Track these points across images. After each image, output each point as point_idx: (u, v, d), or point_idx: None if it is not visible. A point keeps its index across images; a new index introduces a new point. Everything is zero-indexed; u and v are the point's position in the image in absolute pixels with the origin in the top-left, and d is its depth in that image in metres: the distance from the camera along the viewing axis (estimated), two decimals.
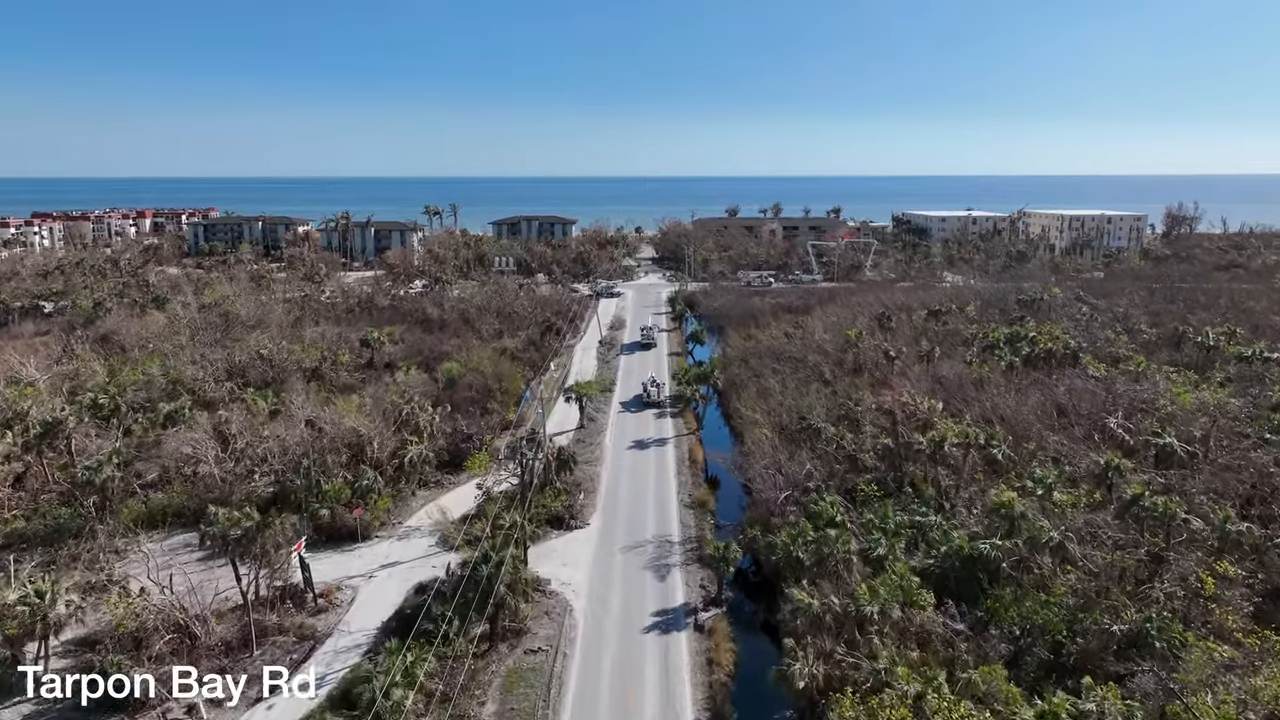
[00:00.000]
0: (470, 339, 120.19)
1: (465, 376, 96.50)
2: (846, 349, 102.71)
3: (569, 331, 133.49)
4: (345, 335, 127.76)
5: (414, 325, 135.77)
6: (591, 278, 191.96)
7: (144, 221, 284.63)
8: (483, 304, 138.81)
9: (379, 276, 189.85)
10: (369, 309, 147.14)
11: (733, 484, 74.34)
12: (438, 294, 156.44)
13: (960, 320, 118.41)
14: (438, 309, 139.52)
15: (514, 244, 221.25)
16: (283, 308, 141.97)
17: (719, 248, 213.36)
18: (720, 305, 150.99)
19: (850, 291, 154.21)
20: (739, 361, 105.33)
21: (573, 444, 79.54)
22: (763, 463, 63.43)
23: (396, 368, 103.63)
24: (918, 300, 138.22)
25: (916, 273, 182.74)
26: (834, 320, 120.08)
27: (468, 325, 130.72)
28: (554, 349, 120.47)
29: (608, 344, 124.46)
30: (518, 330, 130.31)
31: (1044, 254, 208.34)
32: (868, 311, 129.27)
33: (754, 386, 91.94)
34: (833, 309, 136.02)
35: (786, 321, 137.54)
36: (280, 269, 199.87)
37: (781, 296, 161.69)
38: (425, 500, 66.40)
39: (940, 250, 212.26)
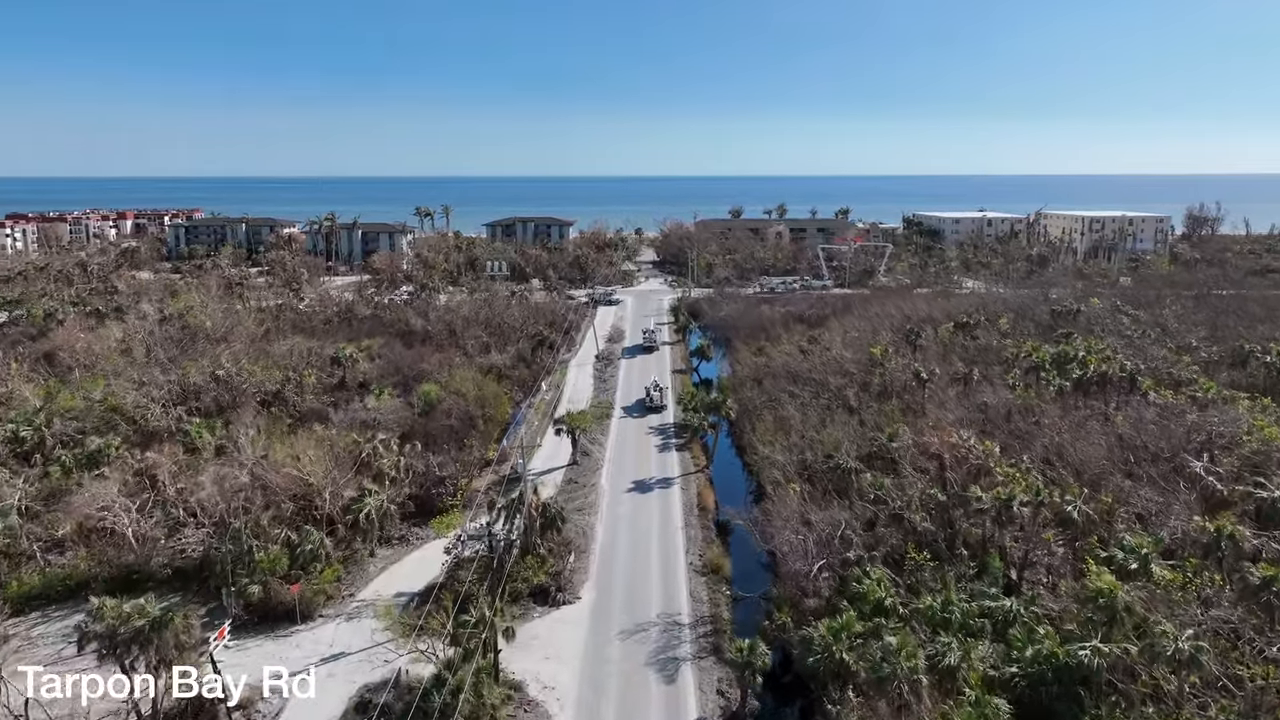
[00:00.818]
0: (454, 355, 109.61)
1: (444, 401, 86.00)
2: (871, 369, 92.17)
3: (563, 345, 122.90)
4: (319, 350, 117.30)
5: (395, 338, 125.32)
6: (589, 283, 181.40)
7: (125, 223, 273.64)
8: (470, 314, 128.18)
9: (364, 282, 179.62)
10: (348, 319, 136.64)
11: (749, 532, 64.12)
12: (424, 302, 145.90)
13: (992, 334, 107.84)
14: (422, 319, 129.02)
15: (508, 247, 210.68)
16: (254, 318, 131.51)
17: (723, 251, 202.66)
18: (727, 315, 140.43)
19: (865, 299, 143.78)
20: (751, 382, 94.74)
21: (563, 485, 69.00)
22: (789, 524, 52.68)
23: (370, 389, 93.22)
24: (940, 310, 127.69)
25: (933, 278, 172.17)
26: (854, 335, 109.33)
27: (453, 338, 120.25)
28: (546, 366, 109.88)
29: (605, 359, 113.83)
30: (507, 344, 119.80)
31: (1066, 258, 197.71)
32: (888, 323, 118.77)
33: (770, 414, 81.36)
34: (849, 319, 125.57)
35: (799, 333, 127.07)
36: (261, 274, 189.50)
37: (792, 304, 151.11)
38: (386, 561, 55.90)
39: (956, 254, 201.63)
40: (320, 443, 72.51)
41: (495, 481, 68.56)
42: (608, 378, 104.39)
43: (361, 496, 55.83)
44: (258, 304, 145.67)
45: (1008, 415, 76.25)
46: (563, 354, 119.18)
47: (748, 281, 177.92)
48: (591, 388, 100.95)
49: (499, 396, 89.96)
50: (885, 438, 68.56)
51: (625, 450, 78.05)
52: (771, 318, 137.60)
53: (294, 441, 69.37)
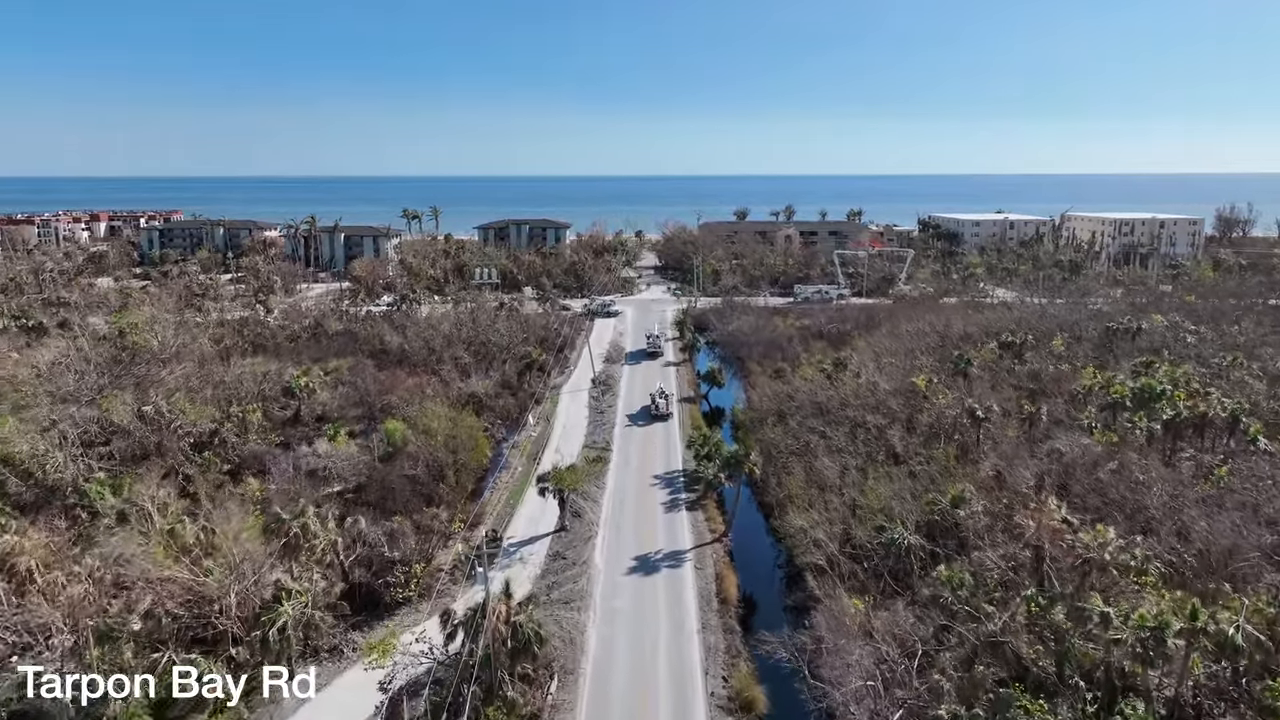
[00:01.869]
0: (430, 381, 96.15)
1: (411, 444, 72.56)
2: (914, 402, 78.76)
3: (555, 366, 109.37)
4: (279, 373, 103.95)
5: (368, 358, 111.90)
6: (586, 292, 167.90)
7: (99, 225, 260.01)
8: (452, 330, 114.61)
9: (343, 291, 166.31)
10: (317, 335, 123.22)
11: (774, 608, 51.00)
12: (404, 314, 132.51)
13: (1045, 357, 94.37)
14: (399, 336, 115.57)
15: (500, 251, 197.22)
16: (211, 335, 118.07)
17: (730, 256, 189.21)
18: (737, 329, 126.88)
19: (890, 312, 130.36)
20: (773, 417, 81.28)
21: (548, 563, 55.53)
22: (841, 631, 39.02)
23: (326, 427, 79.78)
24: (976, 325, 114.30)
25: (958, 287, 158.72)
26: (888, 360, 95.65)
27: (432, 358, 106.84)
28: (535, 393, 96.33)
29: (603, 385, 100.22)
30: (492, 365, 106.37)
31: (1100, 264, 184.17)
32: (922, 342, 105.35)
33: (799, 463, 67.96)
34: (876, 337, 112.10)
35: (819, 352, 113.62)
36: (235, 280, 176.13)
37: (807, 316, 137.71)
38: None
39: (980, 259, 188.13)
40: (255, 500, 59.42)
41: (465, 556, 55.12)
42: (605, 408, 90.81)
43: (277, 600, 42.23)
44: (220, 317, 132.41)
45: (1088, 465, 62.88)
46: (555, 376, 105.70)
47: (756, 290, 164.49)
48: (586, 420, 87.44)
49: (476, 436, 76.44)
50: (948, 502, 55.18)
51: (625, 508, 64.57)
52: (787, 333, 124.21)
53: (215, 507, 56.03)
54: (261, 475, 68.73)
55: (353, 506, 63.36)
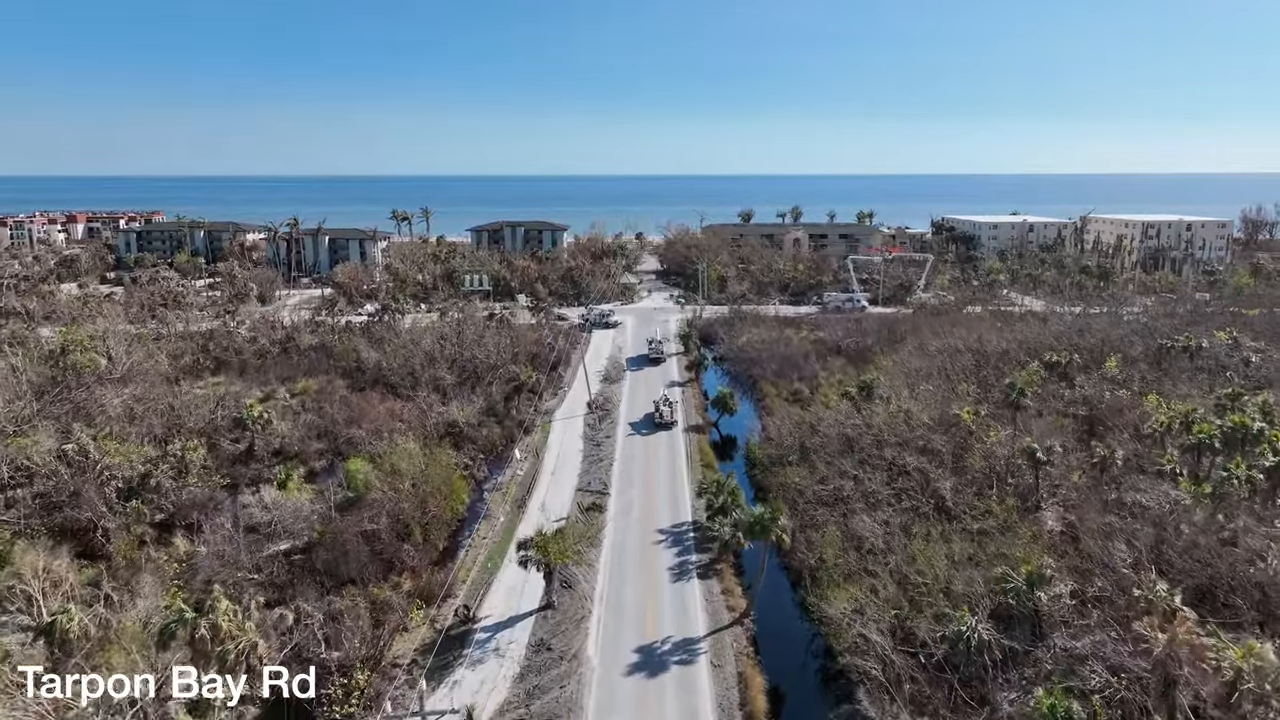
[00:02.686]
0: (406, 406, 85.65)
1: (375, 489, 61.99)
2: (959, 436, 68.18)
3: (548, 387, 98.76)
4: (240, 395, 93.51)
5: (342, 376, 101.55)
6: (583, 299, 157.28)
7: (76, 226, 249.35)
8: (434, 346, 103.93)
9: (325, 298, 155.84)
10: (289, 350, 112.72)
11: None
12: (386, 326, 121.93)
13: (1099, 381, 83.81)
14: (377, 352, 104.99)
15: (493, 255, 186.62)
16: (170, 350, 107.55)
17: (736, 261, 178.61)
18: (747, 343, 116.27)
19: (912, 323, 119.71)
20: (795, 454, 70.63)
21: (528, 657, 44.91)
22: None
23: (281, 469, 69.16)
24: (1010, 340, 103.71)
25: (982, 295, 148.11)
26: (923, 387, 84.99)
27: (410, 379, 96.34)
28: (524, 420, 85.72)
29: (600, 409, 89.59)
30: (478, 386, 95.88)
31: (1129, 270, 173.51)
32: (957, 361, 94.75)
33: (831, 515, 57.44)
34: (904, 354, 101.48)
35: (840, 371, 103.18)
36: (211, 286, 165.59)
37: (822, 328, 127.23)
38: None
39: (1001, 265, 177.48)
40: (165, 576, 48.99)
41: (432, 643, 44.59)
42: (602, 439, 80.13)
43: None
44: (186, 329, 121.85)
45: (1174, 521, 52.33)
46: (547, 399, 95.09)
47: (765, 298, 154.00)
48: (580, 453, 76.78)
49: (452, 479, 65.70)
50: (1023, 583, 44.61)
51: (625, 575, 53.97)
52: (802, 348, 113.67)
53: (124, 583, 45.51)
54: (196, 531, 58.29)
55: (300, 574, 53.17)
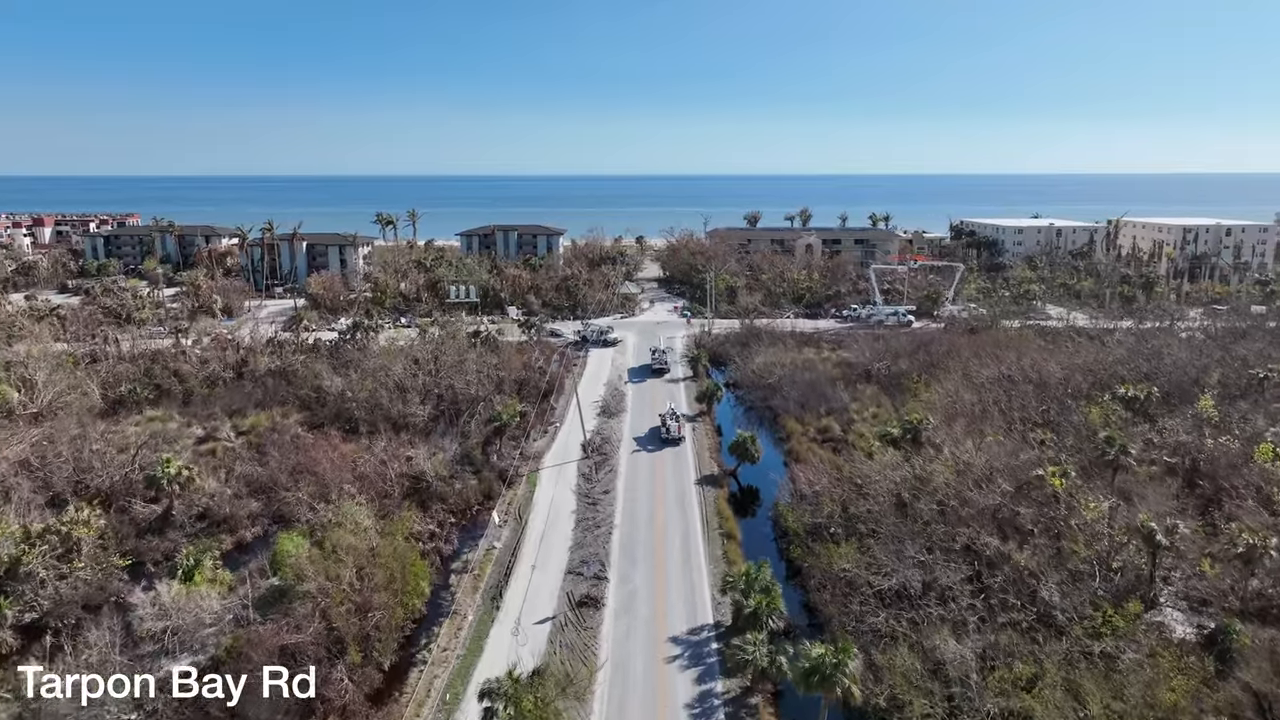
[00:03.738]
0: (370, 448, 72.06)
1: (306, 582, 48.31)
2: (1045, 504, 54.59)
3: (536, 423, 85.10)
4: (179, 435, 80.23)
5: (302, 408, 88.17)
6: (580, 312, 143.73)
7: (43, 230, 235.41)
8: (405, 376, 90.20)
9: (298, 310, 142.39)
10: (244, 374, 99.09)
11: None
12: (358, 344, 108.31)
13: (1193, 424, 70.22)
14: (342, 378, 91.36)
15: (483, 262, 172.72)
16: (107, 377, 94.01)
17: (745, 270, 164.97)
18: (763, 365, 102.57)
19: (949, 344, 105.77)
20: (837, 524, 56.99)
21: None
22: None
23: (207, 537, 55.55)
24: (1070, 366, 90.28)
25: (1018, 308, 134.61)
26: (986, 436, 71.34)
27: (378, 413, 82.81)
28: (507, 469, 71.95)
29: (597, 451, 75.85)
30: (456, 422, 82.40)
31: (1170, 279, 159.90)
32: (1015, 394, 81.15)
33: (900, 632, 43.86)
34: (948, 382, 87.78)
35: (872, 400, 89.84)
36: (175, 298, 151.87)
37: (846, 346, 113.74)
38: None
39: (1031, 274, 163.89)
40: None
41: None
42: (598, 496, 66.34)
43: None
44: (133, 349, 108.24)
45: None
46: (534, 438, 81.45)
47: (778, 310, 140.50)
48: (573, 518, 63.02)
49: (409, 562, 51.97)
50: None
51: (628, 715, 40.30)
52: (827, 372, 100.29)
53: None
54: (74, 636, 44.59)
55: (194, 715, 39.48)
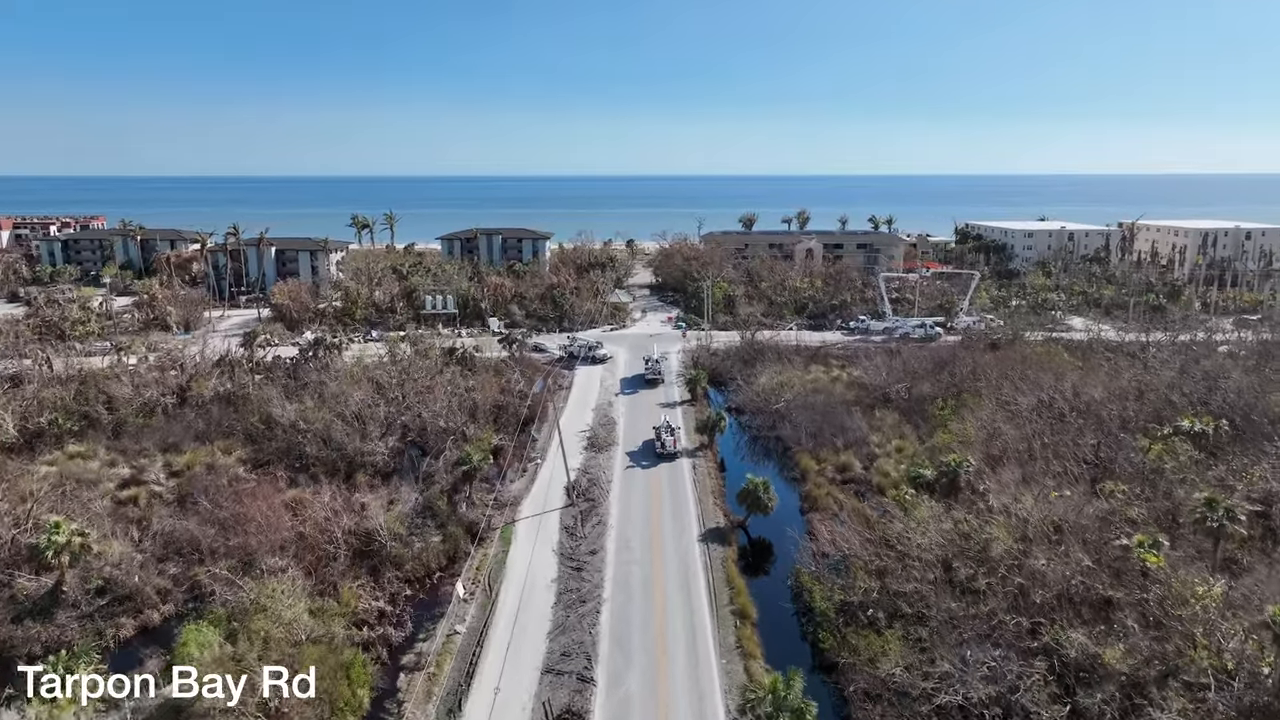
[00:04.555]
0: (315, 500, 61.18)
1: (207, 698, 37.50)
2: (1125, 571, 44.35)
3: (513, 461, 74.33)
4: (99, 477, 69.29)
5: (248, 441, 77.40)
6: (566, 323, 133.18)
7: (0, 234, 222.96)
8: (366, 404, 79.30)
9: (261, 324, 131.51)
10: (186, 400, 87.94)
11: None
12: (319, 363, 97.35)
13: (1275, 465, 60.19)
14: (295, 404, 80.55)
15: (464, 267, 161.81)
16: (26, 405, 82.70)
17: (744, 277, 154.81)
18: (770, 387, 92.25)
19: (971, 363, 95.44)
20: (876, 603, 46.56)
21: None
22: None
23: (118, 605, 44.58)
24: (1115, 390, 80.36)
25: (1037, 319, 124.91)
26: (1045, 487, 61.07)
27: (332, 447, 72.06)
28: (476, 522, 61.11)
29: (584, 497, 65.17)
30: (422, 462, 71.72)
31: (1189, 285, 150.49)
32: (1061, 427, 70.98)
33: None
34: (984, 410, 77.47)
35: (893, 430, 79.81)
36: (129, 309, 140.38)
37: (856, 362, 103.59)
38: None
39: (1046, 280, 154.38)
40: None
41: None
42: (585, 559, 55.64)
43: None
44: (65, 369, 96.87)
45: None
46: (511, 480, 70.72)
47: (779, 320, 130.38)
48: (553, 590, 52.29)
49: (341, 667, 41.07)
50: None
51: None
52: (840, 394, 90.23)
53: None
54: None
55: None
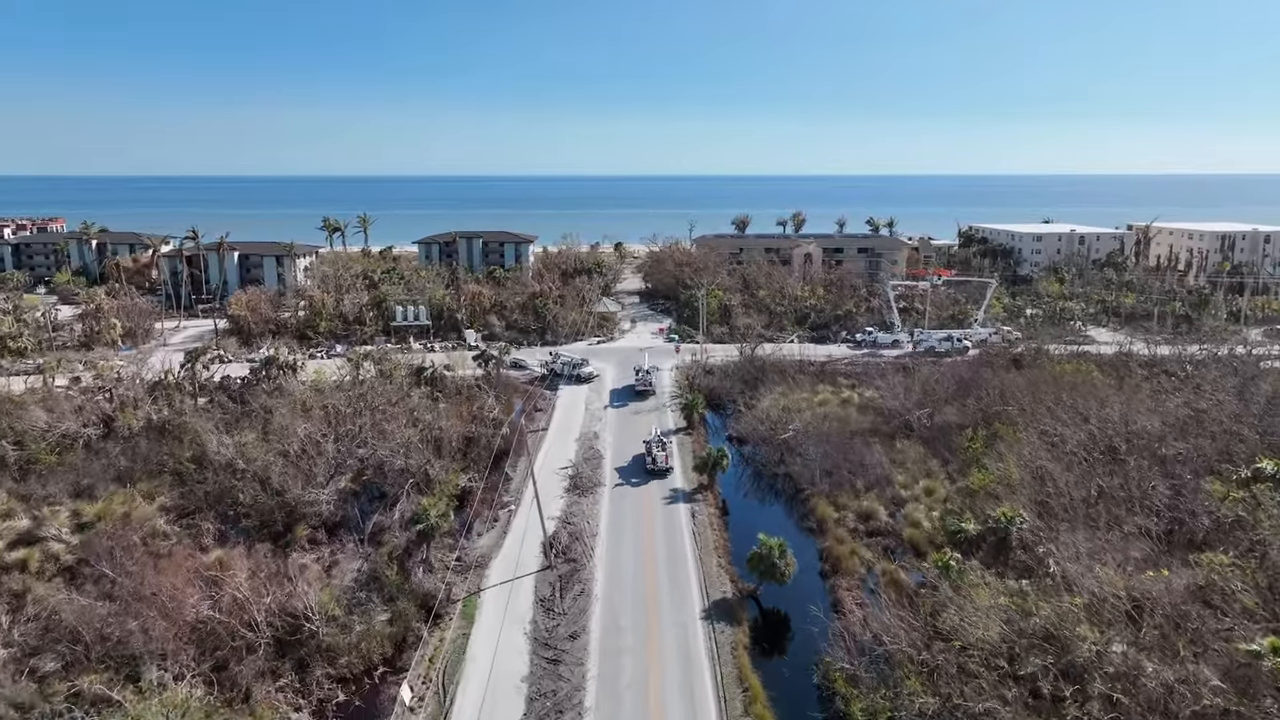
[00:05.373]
0: (240, 566, 50.47)
1: None
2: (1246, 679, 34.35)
3: (480, 510, 63.75)
4: None
5: (177, 481, 66.65)
6: (550, 335, 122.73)
7: None
8: (314, 441, 68.52)
9: (216, 337, 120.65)
10: (113, 431, 76.89)
11: None
12: (272, 388, 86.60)
13: None
14: (235, 435, 69.72)
15: (442, 273, 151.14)
16: None
17: (738, 283, 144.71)
18: (776, 414, 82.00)
19: (999, 381, 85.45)
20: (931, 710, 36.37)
21: None
22: None
23: None
24: (1166, 417, 70.63)
25: (1057, 331, 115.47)
26: (1090, 526, 51.01)
27: (270, 492, 61.37)
28: (431, 594, 50.45)
29: (564, 556, 54.74)
30: (376, 511, 61.08)
31: (1225, 293, 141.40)
32: (1121, 470, 61.04)
33: None
34: (1025, 444, 67.48)
35: (919, 466, 69.90)
36: (76, 320, 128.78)
37: (866, 381, 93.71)
38: None
39: (1059, 288, 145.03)
40: None
41: None
42: (561, 647, 45.12)
43: None
44: None
45: None
46: (479, 530, 60.18)
47: (781, 333, 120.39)
48: (523, 691, 41.72)
49: None
50: None
51: None
52: (855, 422, 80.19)
53: None
54: None
55: None
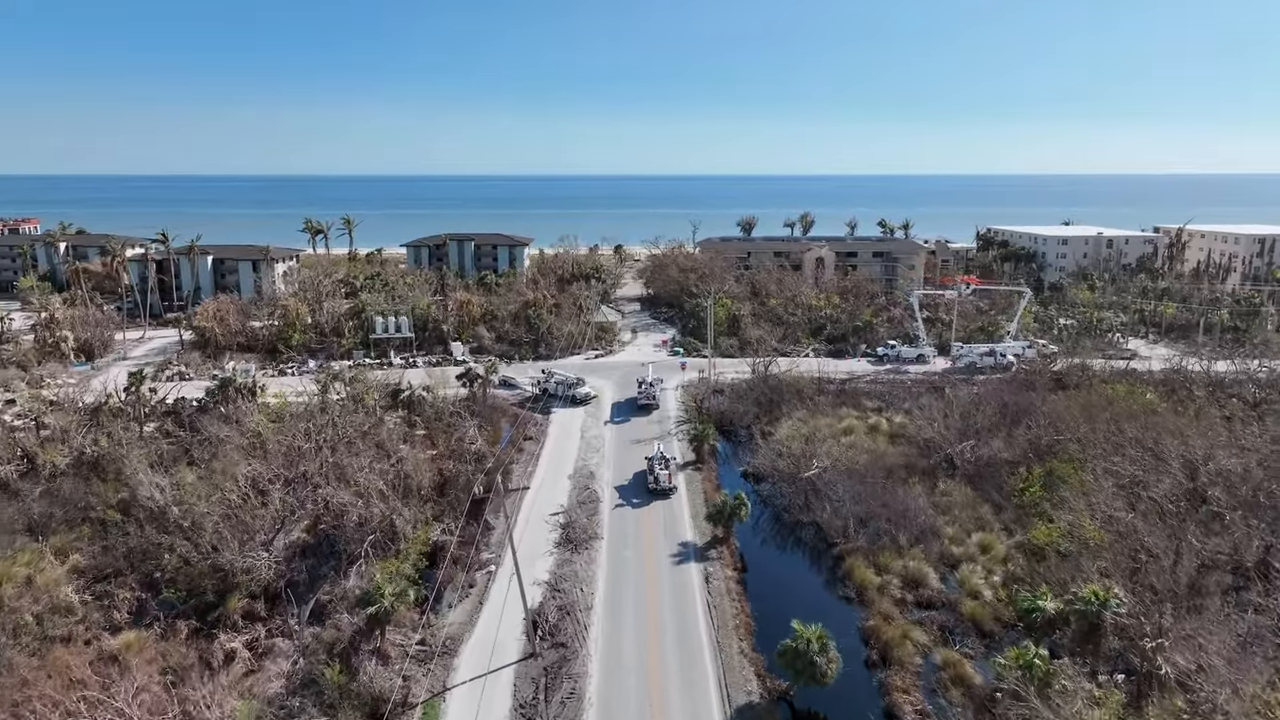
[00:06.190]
0: (175, 635, 40.26)
1: None
2: None
3: (452, 577, 53.51)
4: None
5: (98, 535, 56.46)
6: (544, 348, 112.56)
7: None
8: (257, 490, 58.24)
9: (183, 347, 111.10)
10: (32, 470, 66.57)
11: None
12: (229, 414, 76.36)
13: None
14: (169, 485, 59.32)
15: (432, 278, 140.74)
16: None
17: (749, 292, 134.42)
18: (798, 449, 71.68)
19: (1049, 404, 75.23)
20: None
21: None
22: None
23: None
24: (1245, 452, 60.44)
25: (1094, 344, 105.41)
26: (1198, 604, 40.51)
27: (199, 554, 51.17)
28: (383, 696, 40.30)
29: (552, 639, 44.61)
30: (324, 572, 50.83)
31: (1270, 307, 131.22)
32: (1220, 526, 50.91)
33: None
34: (1091, 488, 57.33)
35: (967, 512, 59.86)
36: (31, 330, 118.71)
37: (892, 403, 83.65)
38: None
39: (1093, 296, 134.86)
40: None
41: None
42: None
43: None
44: None
45: None
46: (450, 600, 50.00)
47: (795, 346, 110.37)
48: None
49: None
50: None
51: None
52: (886, 455, 70.03)
53: None
54: None
55: None
